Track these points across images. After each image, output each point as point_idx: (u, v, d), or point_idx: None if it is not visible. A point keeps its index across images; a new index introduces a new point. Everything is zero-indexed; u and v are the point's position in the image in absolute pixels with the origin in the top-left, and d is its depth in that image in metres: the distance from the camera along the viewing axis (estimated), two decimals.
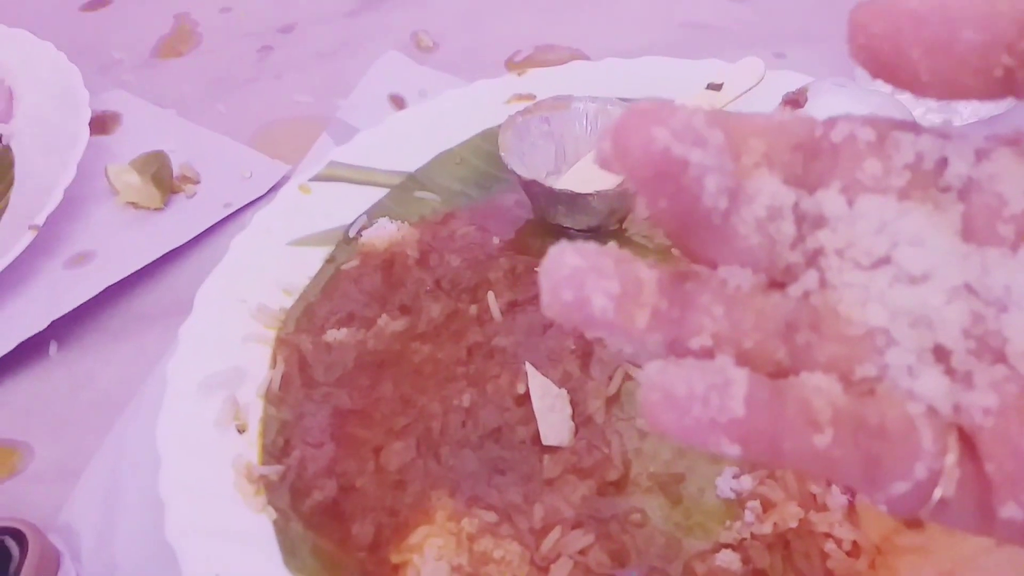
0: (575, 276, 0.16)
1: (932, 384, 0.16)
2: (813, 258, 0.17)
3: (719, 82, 0.49)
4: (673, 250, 0.47)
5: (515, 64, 0.61)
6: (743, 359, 0.16)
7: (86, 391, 0.43)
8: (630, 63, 0.55)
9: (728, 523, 0.36)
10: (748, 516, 0.36)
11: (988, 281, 0.16)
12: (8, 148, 0.55)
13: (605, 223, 0.48)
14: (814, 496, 0.36)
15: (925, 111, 0.51)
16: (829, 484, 0.15)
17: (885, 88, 0.17)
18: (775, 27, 0.61)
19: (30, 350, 0.44)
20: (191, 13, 0.68)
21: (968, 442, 0.16)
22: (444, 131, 0.53)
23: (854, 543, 0.35)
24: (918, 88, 0.16)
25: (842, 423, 0.15)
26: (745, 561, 0.35)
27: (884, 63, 0.16)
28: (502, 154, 0.47)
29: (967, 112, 0.53)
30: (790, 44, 0.59)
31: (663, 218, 0.16)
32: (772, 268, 0.17)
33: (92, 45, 0.64)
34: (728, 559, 0.35)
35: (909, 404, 0.16)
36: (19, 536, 0.35)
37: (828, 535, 0.35)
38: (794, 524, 0.35)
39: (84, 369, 0.44)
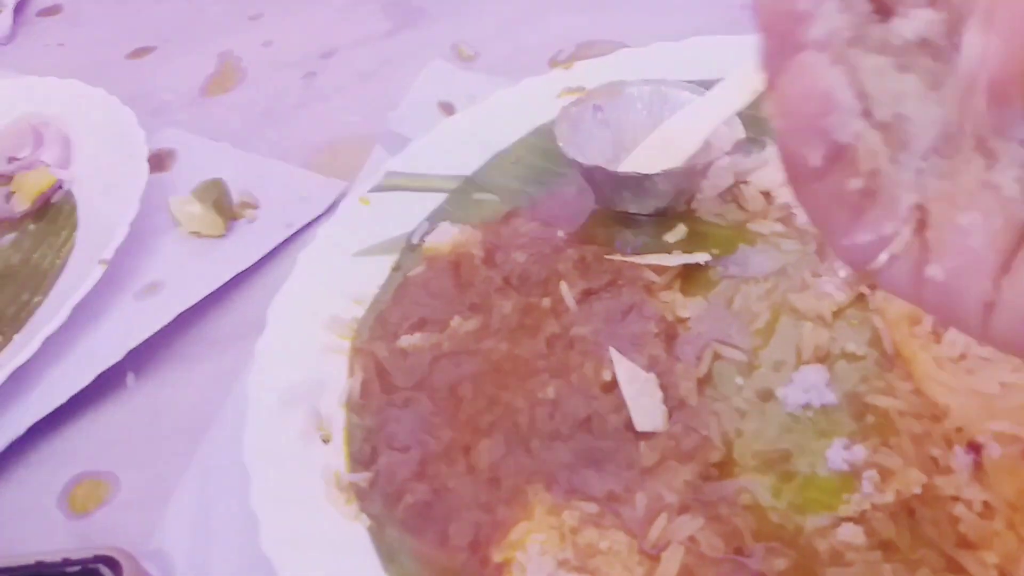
0: None
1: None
2: None
3: None
4: (748, 225, 0.46)
5: (559, 62, 0.60)
6: None
7: (166, 417, 0.43)
8: (679, 45, 0.54)
9: (846, 496, 0.34)
10: (866, 487, 0.34)
11: None
12: (70, 193, 0.56)
13: (673, 204, 0.46)
14: (935, 459, 0.34)
15: None
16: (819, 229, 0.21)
17: None
18: None
19: (108, 382, 0.44)
20: (234, 50, 0.69)
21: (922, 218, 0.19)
22: (497, 132, 0.52)
23: (985, 503, 0.32)
24: None
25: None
26: (869, 533, 0.32)
27: None
28: (560, 144, 0.46)
29: None
30: None
31: None
32: None
33: (142, 90, 0.65)
34: (850, 533, 0.32)
35: (899, 185, 0.19)
36: (113, 564, 0.34)
37: (956, 498, 0.33)
38: (918, 490, 0.33)
39: (162, 396, 0.44)
